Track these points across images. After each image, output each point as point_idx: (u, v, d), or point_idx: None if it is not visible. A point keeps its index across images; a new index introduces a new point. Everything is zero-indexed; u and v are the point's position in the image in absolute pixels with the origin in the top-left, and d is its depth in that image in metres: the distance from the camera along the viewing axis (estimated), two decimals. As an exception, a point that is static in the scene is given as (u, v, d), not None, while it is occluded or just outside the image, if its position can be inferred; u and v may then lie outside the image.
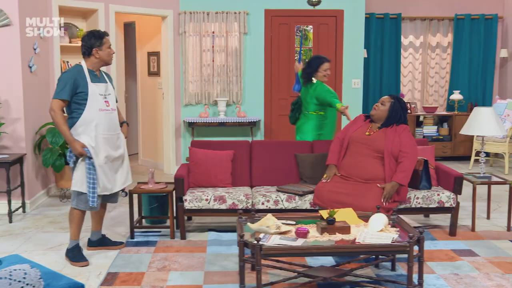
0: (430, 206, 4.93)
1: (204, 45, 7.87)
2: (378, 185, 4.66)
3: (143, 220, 5.28)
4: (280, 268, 3.89)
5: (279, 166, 5.39)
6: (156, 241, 4.87)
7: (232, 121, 7.78)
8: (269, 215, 3.79)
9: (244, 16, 7.83)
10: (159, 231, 5.14)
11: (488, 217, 5.59)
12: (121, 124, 4.62)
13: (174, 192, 4.97)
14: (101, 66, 4.47)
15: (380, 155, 4.75)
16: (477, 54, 9.11)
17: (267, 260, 4.06)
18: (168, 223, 5.14)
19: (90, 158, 4.21)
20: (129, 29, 8.81)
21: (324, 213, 3.89)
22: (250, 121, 7.79)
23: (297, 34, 8.07)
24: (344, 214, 3.99)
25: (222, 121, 7.77)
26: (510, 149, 8.03)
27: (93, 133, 4.25)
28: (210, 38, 7.87)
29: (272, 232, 3.65)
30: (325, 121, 5.70)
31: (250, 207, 4.88)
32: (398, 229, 3.79)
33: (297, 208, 4.87)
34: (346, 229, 3.69)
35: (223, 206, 4.86)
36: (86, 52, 4.36)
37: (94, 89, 4.27)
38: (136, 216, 5.18)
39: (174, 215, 5.03)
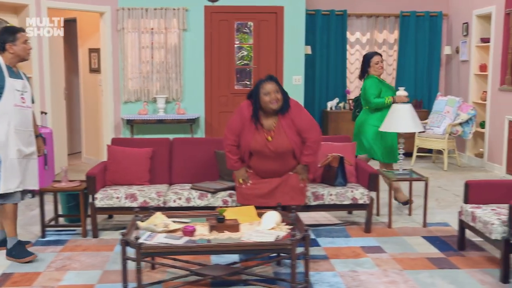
0: (344, 202, 4.94)
1: (143, 41, 7.81)
2: (290, 173, 4.62)
3: (62, 219, 5.22)
4: (174, 267, 3.87)
5: (199, 163, 5.34)
6: (67, 240, 4.81)
7: (171, 118, 7.73)
8: (158, 213, 3.76)
9: (183, 13, 7.77)
10: (74, 230, 5.08)
11: (409, 214, 5.61)
12: (36, 136, 4.55)
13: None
14: (18, 62, 4.44)
15: (289, 153, 4.62)
16: (423, 51, 9.15)
17: (166, 258, 4.06)
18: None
19: None
20: (71, 25, 8.69)
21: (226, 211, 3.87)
22: (189, 118, 7.75)
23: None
24: (242, 212, 3.97)
25: (161, 119, 7.72)
26: (449, 145, 8.08)
27: (5, 127, 4.19)
28: (149, 35, 7.81)
29: (159, 230, 3.61)
30: (372, 116, 5.70)
31: (162, 205, 4.84)
32: (292, 227, 3.77)
33: (210, 205, 4.84)
34: (235, 227, 3.67)
35: (134, 204, 4.81)
36: (0, 47, 4.33)
37: (12, 84, 4.26)
38: (52, 214, 5.13)
39: (88, 213, 4.97)
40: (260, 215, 3.92)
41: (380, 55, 5.84)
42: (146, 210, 4.69)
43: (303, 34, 8.04)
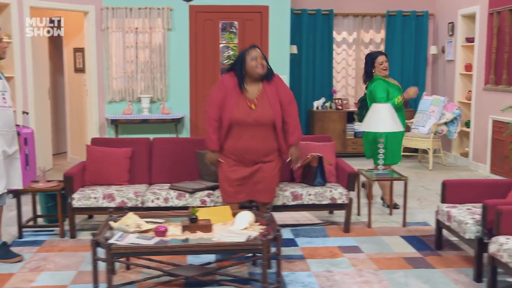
0: (323, 202, 4.93)
1: (128, 41, 7.78)
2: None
3: (41, 219, 5.20)
4: (147, 267, 3.86)
5: (180, 163, 5.32)
6: (44, 240, 4.78)
7: (155, 118, 7.71)
8: (130, 213, 3.75)
9: (168, 12, 7.75)
10: (52, 230, 5.05)
11: (390, 213, 5.61)
12: None
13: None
14: None
15: (270, 125, 4.43)
16: (409, 51, 9.16)
17: (141, 259, 4.04)
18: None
19: None
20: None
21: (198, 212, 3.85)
22: (173, 118, 7.73)
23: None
24: (217, 212, 3.95)
25: (145, 118, 7.70)
26: (434, 145, 8.09)
27: None
28: (134, 34, 7.78)
29: (131, 230, 3.59)
30: None
31: (140, 205, 4.82)
32: (265, 226, 3.76)
33: (188, 205, 4.82)
34: (208, 227, 3.66)
35: (112, 204, 4.79)
36: None
37: None
38: (31, 215, 5.11)
39: (66, 213, 4.95)
40: (234, 215, 3.91)
41: (385, 54, 5.69)
42: (122, 210, 4.70)
43: (288, 33, 8.03)
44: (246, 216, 3.76)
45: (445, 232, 4.47)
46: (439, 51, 9.10)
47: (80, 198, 4.80)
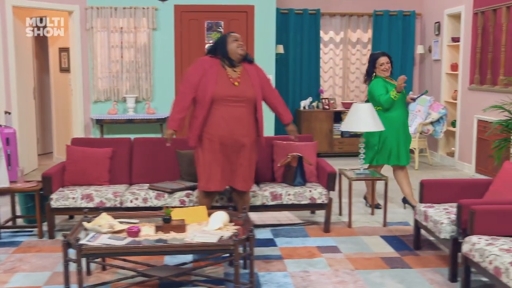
0: (302, 202, 4.92)
1: (113, 41, 7.76)
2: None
3: (20, 220, 5.18)
4: (122, 267, 3.85)
5: (160, 163, 5.30)
6: (22, 241, 4.76)
7: (141, 118, 7.68)
8: (104, 214, 3.73)
9: (153, 12, 7.73)
10: (31, 231, 5.03)
11: (372, 213, 5.60)
12: None
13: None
14: None
15: (252, 104, 4.40)
16: (396, 51, 9.15)
17: (116, 259, 4.03)
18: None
19: None
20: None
21: (173, 212, 3.84)
22: (158, 118, 7.71)
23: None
24: (192, 212, 3.94)
25: (130, 118, 7.67)
26: (420, 144, 8.10)
27: None
28: (119, 34, 7.76)
29: (104, 231, 3.58)
30: (380, 118, 5.27)
31: (118, 205, 4.81)
32: (239, 227, 3.75)
33: (167, 205, 4.79)
34: (181, 228, 3.64)
35: (90, 205, 4.77)
36: None
37: None
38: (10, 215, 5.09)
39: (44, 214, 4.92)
40: (210, 215, 3.89)
41: (387, 55, 5.59)
42: (97, 211, 4.67)
43: (274, 33, 8.02)
44: (220, 217, 3.75)
45: (424, 232, 4.47)
46: (426, 51, 9.11)
47: (59, 199, 4.78)
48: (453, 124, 8.30)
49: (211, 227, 3.67)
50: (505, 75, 6.71)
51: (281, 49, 8.66)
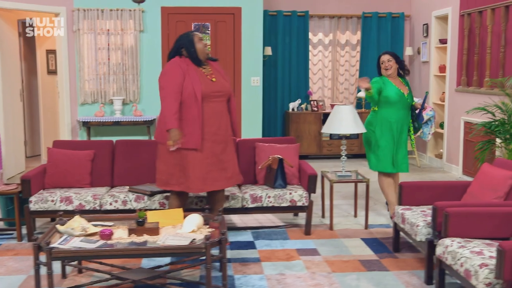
0: (282, 205, 4.91)
1: (100, 43, 7.74)
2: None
3: (1, 223, 5.16)
4: (98, 270, 3.84)
5: (142, 165, 5.28)
6: (0, 244, 4.74)
7: (127, 120, 7.67)
8: (77, 216, 3.71)
9: (140, 14, 7.72)
10: (11, 234, 5.01)
11: (355, 215, 5.59)
12: None
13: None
14: None
15: (227, 99, 4.52)
16: (385, 52, 9.13)
17: (93, 262, 4.01)
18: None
19: None
20: (30, 26, 8.60)
21: (145, 214, 3.82)
22: (145, 120, 7.69)
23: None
24: (168, 215, 3.92)
25: (117, 120, 7.65)
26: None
27: None
28: (105, 36, 7.74)
29: (77, 234, 3.56)
30: (376, 118, 5.31)
31: (98, 207, 4.79)
32: (213, 229, 3.74)
33: (146, 208, 4.79)
34: (155, 230, 3.63)
35: (69, 207, 4.75)
36: None
37: None
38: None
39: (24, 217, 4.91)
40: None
41: (389, 53, 5.32)
42: (77, 214, 4.66)
43: (261, 35, 8.01)
44: (194, 219, 3.73)
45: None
46: (414, 53, 9.11)
47: (37, 201, 4.76)
48: (441, 126, 8.30)
49: (185, 229, 3.66)
50: (491, 77, 6.71)
51: (269, 51, 8.65)
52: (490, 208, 3.59)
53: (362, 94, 5.17)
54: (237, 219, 5.47)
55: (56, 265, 4.02)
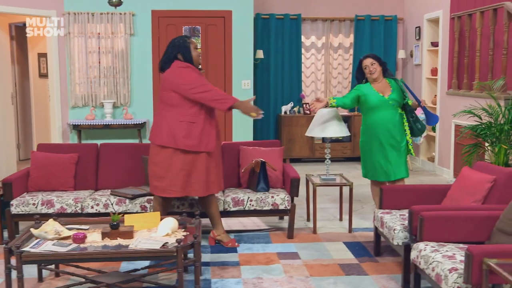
0: (264, 208, 4.89)
1: (90, 46, 7.75)
2: None
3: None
4: (73, 274, 3.83)
5: (127, 169, 5.28)
6: (-19, 247, 4.74)
7: (118, 123, 7.67)
8: (51, 220, 3.70)
9: (130, 17, 7.72)
10: (-6, 237, 5.01)
11: (340, 219, 5.56)
12: None
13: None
14: None
15: None
16: (378, 55, 9.07)
17: (69, 265, 4.01)
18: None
19: None
20: (23, 30, 8.62)
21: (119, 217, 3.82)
22: (136, 123, 7.69)
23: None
24: (145, 219, 3.91)
25: (107, 123, 7.66)
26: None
27: None
28: (96, 40, 7.75)
29: (50, 237, 3.56)
30: (362, 125, 5.14)
31: (79, 211, 4.79)
32: (188, 233, 3.73)
33: (128, 211, 4.78)
34: (129, 234, 3.62)
35: (51, 211, 4.75)
36: None
37: None
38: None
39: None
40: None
41: (371, 56, 5.12)
42: (59, 217, 4.65)
43: (252, 38, 8.00)
44: (169, 223, 3.72)
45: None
46: (407, 55, 9.08)
47: (19, 205, 4.76)
48: (434, 129, 8.26)
49: (160, 233, 3.65)
50: (480, 79, 6.67)
51: (261, 54, 8.65)
52: (465, 212, 3.57)
53: None
54: (222, 223, 5.44)
55: (33, 269, 4.05)
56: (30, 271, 4.10)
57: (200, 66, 4.53)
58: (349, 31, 9.25)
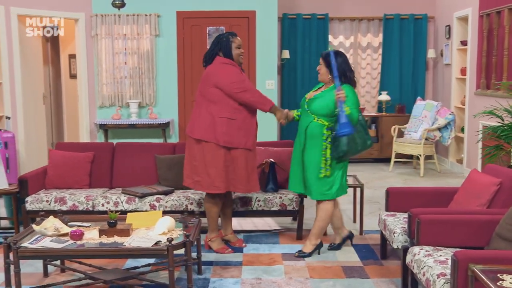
0: (272, 209, 4.87)
1: (117, 47, 7.91)
2: None
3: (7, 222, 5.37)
4: (75, 270, 3.92)
5: (141, 168, 5.36)
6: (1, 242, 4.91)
7: (143, 123, 7.80)
8: (51, 217, 3.80)
9: (155, 19, 7.84)
10: (13, 232, 5.17)
11: (354, 221, 5.49)
12: None
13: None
14: None
15: None
16: (407, 55, 8.96)
17: (73, 261, 4.11)
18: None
19: None
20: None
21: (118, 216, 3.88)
22: (160, 122, 7.80)
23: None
24: (146, 217, 3.97)
25: (133, 123, 7.80)
26: (426, 151, 7.86)
27: None
28: (122, 41, 7.90)
29: (49, 234, 3.65)
30: None
31: (90, 208, 4.89)
32: (185, 232, 3.75)
33: (137, 209, 4.86)
34: (125, 232, 3.67)
35: (63, 208, 4.87)
36: None
37: None
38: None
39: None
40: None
41: (321, 57, 4.58)
42: (71, 214, 4.77)
43: (276, 38, 7.98)
44: (166, 222, 3.75)
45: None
46: (437, 55, 8.87)
47: (33, 201, 4.90)
48: (462, 130, 8.04)
49: (156, 232, 3.69)
50: (509, 79, 6.44)
51: (286, 54, 8.62)
52: (464, 216, 3.45)
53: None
54: (235, 222, 5.45)
55: (40, 264, 4.16)
56: (38, 266, 4.23)
57: (241, 63, 4.47)
58: (378, 30, 9.11)
